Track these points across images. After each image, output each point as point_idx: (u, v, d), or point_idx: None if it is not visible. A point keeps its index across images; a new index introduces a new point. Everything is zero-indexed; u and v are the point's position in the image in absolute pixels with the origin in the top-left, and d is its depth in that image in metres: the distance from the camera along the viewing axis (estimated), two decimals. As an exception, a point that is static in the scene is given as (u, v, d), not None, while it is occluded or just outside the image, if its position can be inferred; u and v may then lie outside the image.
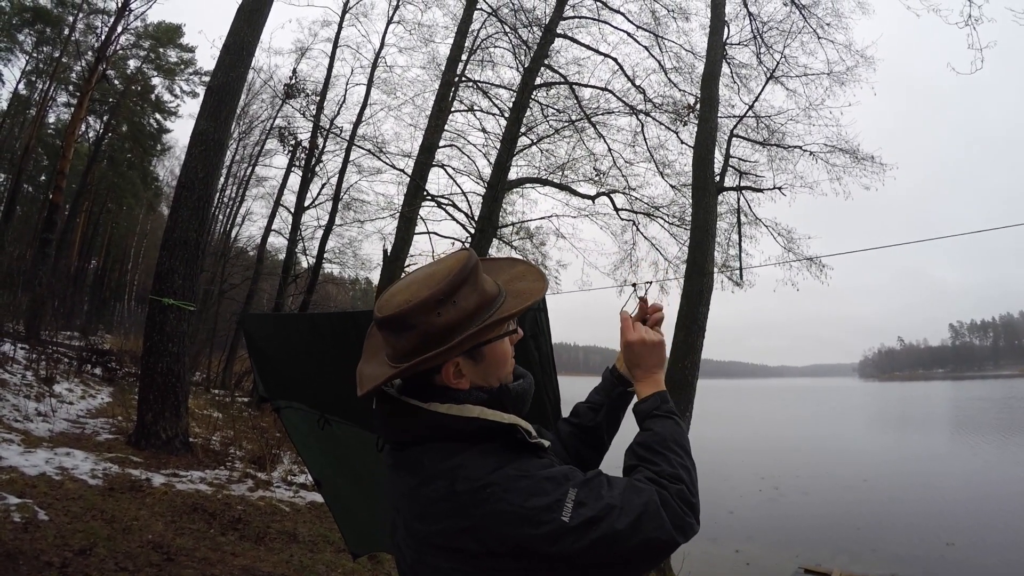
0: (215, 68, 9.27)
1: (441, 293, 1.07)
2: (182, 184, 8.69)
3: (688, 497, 1.12)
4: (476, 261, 1.14)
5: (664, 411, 1.31)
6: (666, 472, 1.15)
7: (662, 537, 1.04)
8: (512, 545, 0.99)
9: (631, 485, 1.09)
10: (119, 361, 15.26)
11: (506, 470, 1.04)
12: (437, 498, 1.03)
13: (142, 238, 40.03)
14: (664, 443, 1.22)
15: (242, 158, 24.29)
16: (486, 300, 1.13)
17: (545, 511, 0.99)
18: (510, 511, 0.99)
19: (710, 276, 9.66)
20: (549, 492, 1.02)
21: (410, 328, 1.08)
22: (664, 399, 1.34)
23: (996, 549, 12.45)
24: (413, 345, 1.08)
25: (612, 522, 1.01)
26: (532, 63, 13.61)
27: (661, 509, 1.06)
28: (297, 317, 4.70)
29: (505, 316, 1.13)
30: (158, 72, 28.97)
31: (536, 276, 1.26)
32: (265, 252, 22.71)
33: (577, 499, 1.02)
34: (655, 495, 1.08)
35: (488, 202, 13.29)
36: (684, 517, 1.08)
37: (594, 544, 1.00)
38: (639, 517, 1.03)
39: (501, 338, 1.17)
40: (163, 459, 7.53)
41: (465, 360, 1.12)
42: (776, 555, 11.93)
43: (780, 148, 13.05)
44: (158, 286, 8.26)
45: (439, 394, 1.12)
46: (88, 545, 4.37)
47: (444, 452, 1.07)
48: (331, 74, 19.22)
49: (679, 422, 1.30)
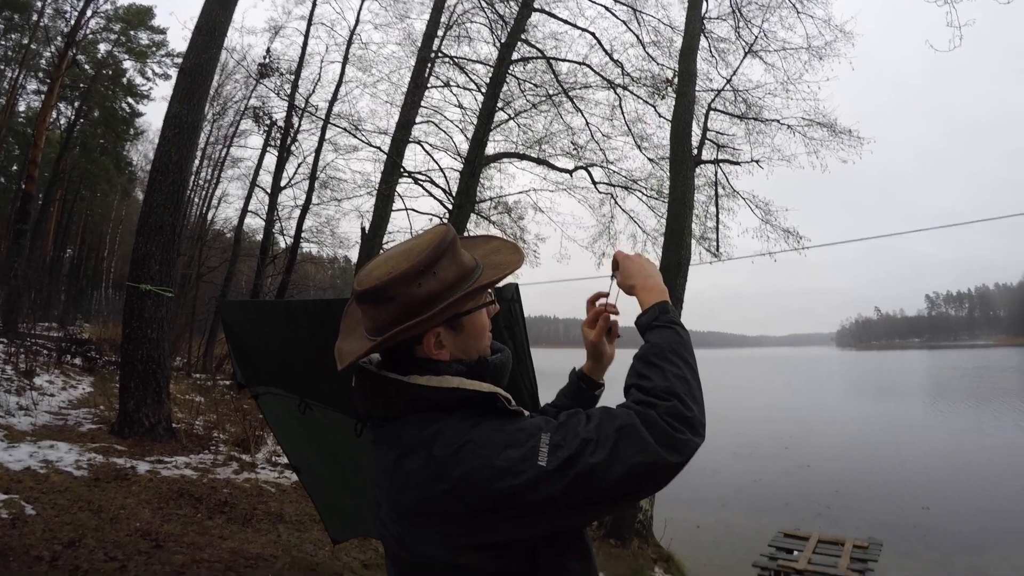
0: (187, 50, 9.09)
1: (421, 264, 1.08)
2: (156, 168, 8.54)
3: (681, 412, 1.06)
4: (454, 235, 1.16)
5: (664, 321, 1.27)
6: (658, 388, 1.11)
7: (646, 460, 1.00)
8: (494, 499, 0.98)
9: (608, 413, 1.06)
10: (99, 350, 15.07)
11: (481, 428, 1.04)
12: (417, 467, 1.04)
13: (117, 224, 39.34)
14: (661, 354, 1.18)
15: (216, 139, 23.78)
16: (465, 271, 1.14)
17: (521, 461, 0.99)
18: (487, 465, 0.99)
19: (688, 248, 9.79)
20: (523, 442, 1.01)
21: (390, 300, 1.09)
22: (664, 309, 1.30)
23: (970, 514, 12.83)
24: (394, 316, 1.09)
25: (587, 457, 0.99)
26: (509, 38, 13.49)
27: (642, 430, 1.02)
28: (274, 304, 4.68)
29: (484, 284, 1.15)
30: (129, 55, 28.25)
31: (512, 249, 1.27)
32: (242, 234, 22.38)
33: (552, 442, 1.01)
34: (633, 417, 1.04)
35: (466, 177, 13.25)
36: (674, 434, 1.03)
37: (575, 483, 0.98)
38: (615, 445, 1.00)
39: (479, 308, 1.18)
40: (147, 446, 7.49)
41: (445, 330, 1.13)
42: (756, 521, 12.21)
43: (758, 122, 13.13)
44: (135, 272, 8.15)
45: (419, 367, 1.12)
46: (77, 537, 4.36)
47: (423, 422, 1.08)
48: (305, 52, 18.86)
49: (679, 331, 1.25)
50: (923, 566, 10.02)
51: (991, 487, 14.94)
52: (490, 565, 1.02)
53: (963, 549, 10.83)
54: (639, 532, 8.53)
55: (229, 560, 4.61)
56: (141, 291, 7.93)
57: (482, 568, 1.02)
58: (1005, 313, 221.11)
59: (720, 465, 17.49)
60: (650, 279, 1.38)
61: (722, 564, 10.06)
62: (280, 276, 19.87)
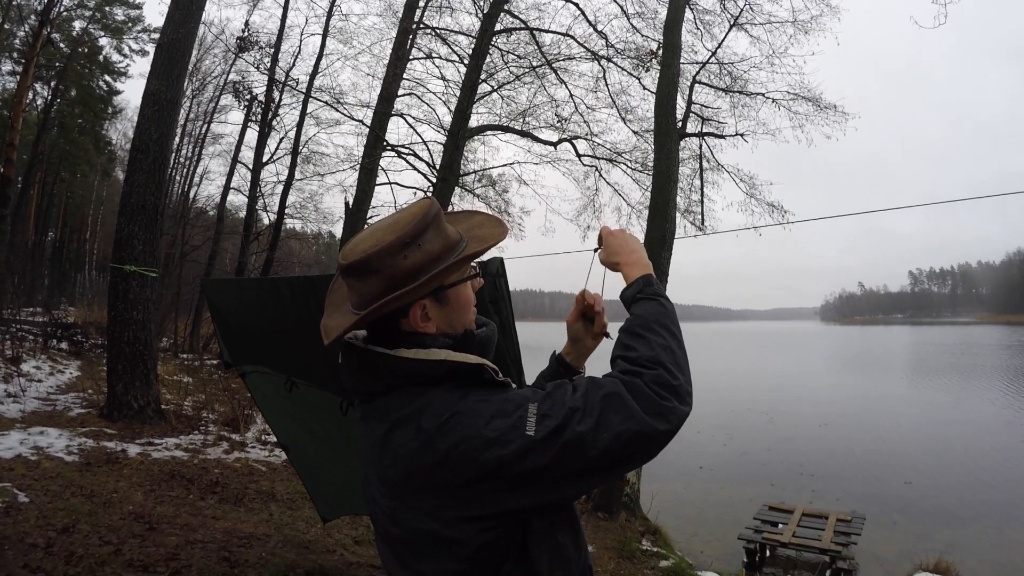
0: (164, 25, 8.88)
1: (407, 236, 1.09)
2: (136, 147, 8.41)
3: (667, 380, 1.07)
4: (438, 208, 1.16)
5: (648, 293, 1.28)
6: (643, 357, 1.11)
7: (633, 427, 1.00)
8: (484, 468, 0.98)
9: (593, 382, 1.07)
10: (85, 333, 14.92)
11: (469, 399, 1.05)
12: (406, 440, 1.04)
13: (99, 205, 38.71)
14: (646, 325, 1.19)
15: (196, 116, 23.35)
16: (450, 243, 1.15)
17: (510, 430, 0.99)
18: (476, 435, 0.99)
19: (672, 221, 9.81)
20: (511, 412, 1.02)
21: (376, 272, 1.09)
22: (648, 282, 1.31)
23: (951, 487, 13.11)
24: (380, 289, 1.09)
25: (575, 425, 0.99)
26: (491, 8, 13.35)
27: (628, 398, 1.03)
28: (259, 281, 4.65)
29: (469, 255, 1.15)
30: (105, 32, 27.63)
31: (495, 223, 1.28)
32: (225, 211, 22.26)
33: (539, 412, 1.01)
34: (619, 386, 1.05)
35: (449, 150, 13.18)
36: (660, 401, 1.04)
37: (563, 452, 0.99)
38: (601, 413, 1.01)
39: (464, 281, 1.19)
40: (137, 429, 7.47)
41: (431, 303, 1.13)
42: (742, 494, 12.42)
43: (743, 95, 13.14)
44: (118, 253, 8.06)
45: (405, 341, 1.12)
46: (71, 523, 4.36)
47: (411, 395, 1.08)
48: (285, 25, 18.59)
49: (664, 303, 1.26)
50: (905, 539, 10.20)
51: (971, 461, 15.26)
52: (481, 537, 1.02)
53: (944, 522, 11.07)
54: (626, 505, 8.67)
55: (222, 540, 4.63)
56: (125, 272, 7.85)
57: (473, 540, 1.02)
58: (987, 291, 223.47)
59: (705, 438, 17.73)
60: (634, 254, 1.38)
61: (708, 537, 10.25)
62: (264, 253, 19.74)
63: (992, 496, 12.53)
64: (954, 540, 10.10)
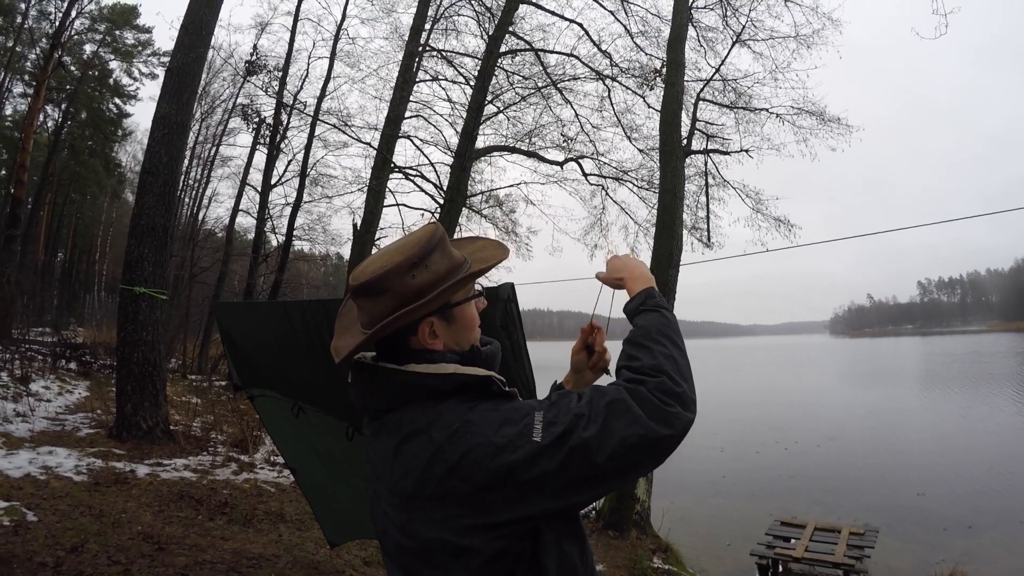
0: (174, 49, 9.04)
1: (415, 257, 1.15)
2: (146, 170, 8.52)
3: (670, 387, 1.10)
4: (443, 232, 1.22)
5: (650, 305, 1.33)
6: (646, 366, 1.15)
7: (638, 432, 1.03)
8: (494, 475, 1.01)
9: (597, 391, 1.10)
10: (93, 354, 15.00)
11: (477, 409, 1.08)
12: (418, 451, 1.07)
13: (108, 227, 39.10)
14: (648, 335, 1.23)
15: (205, 138, 23.66)
16: (455, 264, 1.20)
17: (517, 437, 1.02)
18: (485, 443, 1.02)
19: (679, 238, 9.84)
20: (519, 420, 1.05)
21: (386, 291, 1.14)
22: (650, 294, 1.36)
23: (964, 497, 12.98)
24: (391, 307, 1.14)
25: (580, 431, 1.02)
26: (496, 31, 13.47)
27: (632, 404, 1.06)
28: (269, 305, 4.69)
29: (473, 273, 1.21)
30: (115, 55, 28.05)
31: (497, 246, 1.35)
32: (234, 233, 22.31)
33: (546, 419, 1.05)
34: (623, 393, 1.08)
35: (456, 172, 13.23)
36: (664, 407, 1.07)
37: (570, 457, 1.01)
38: (606, 419, 1.04)
39: (469, 300, 1.24)
40: (145, 449, 7.48)
41: (438, 320, 1.18)
42: (753, 509, 12.31)
43: (747, 111, 13.17)
44: (128, 275, 8.12)
45: (415, 357, 1.16)
46: (79, 542, 4.37)
47: (422, 409, 1.11)
48: (292, 48, 18.80)
49: (666, 314, 1.31)
50: (919, 550, 10.11)
51: (984, 470, 15.10)
52: (492, 546, 1.04)
53: (958, 532, 10.96)
54: (637, 523, 8.59)
55: (231, 561, 4.63)
56: (135, 294, 7.91)
57: (485, 549, 1.04)
58: (997, 298, 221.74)
59: (716, 454, 17.64)
60: (636, 270, 1.44)
61: (720, 553, 10.16)
62: (273, 275, 19.88)
63: (1005, 504, 12.41)
64: (968, 549, 10.03)
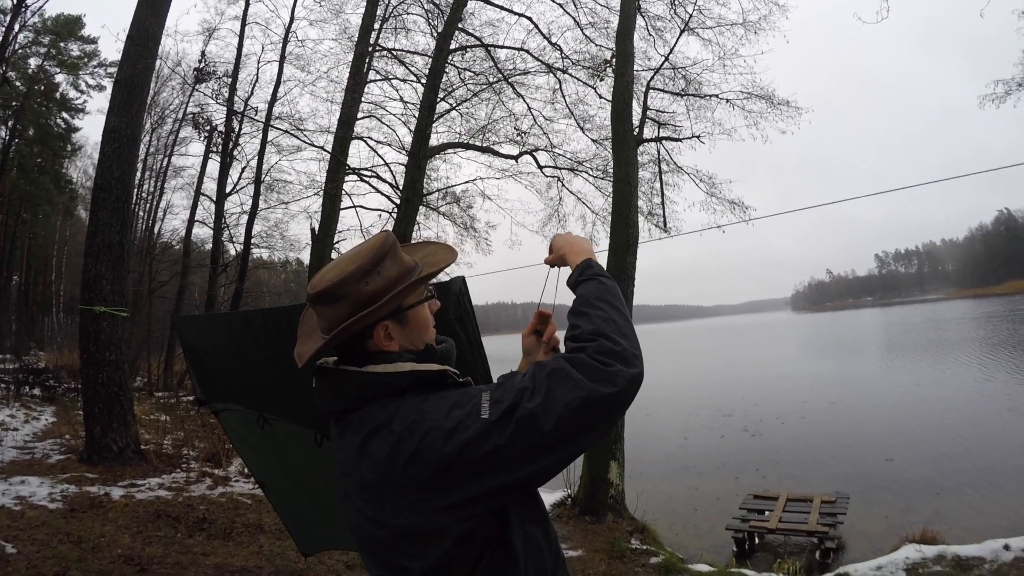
0: (121, 61, 8.89)
1: (368, 264, 1.22)
2: (99, 186, 8.35)
3: (609, 348, 1.15)
4: (394, 239, 1.30)
5: (588, 275, 1.39)
6: (586, 332, 1.21)
7: (580, 395, 1.08)
8: (450, 457, 1.08)
9: (538, 365, 1.15)
10: (57, 378, 14.64)
11: (430, 399, 1.16)
12: (381, 444, 1.14)
13: (62, 246, 37.90)
14: (587, 302, 1.29)
15: (157, 149, 22.97)
16: (406, 269, 1.28)
17: (467, 417, 1.09)
18: (438, 427, 1.09)
19: (635, 226, 9.98)
20: (467, 403, 1.12)
21: (342, 298, 1.22)
22: (588, 265, 1.42)
23: (931, 460, 13.41)
24: (346, 313, 1.21)
25: (525, 403, 1.08)
26: (446, 27, 13.40)
27: (571, 370, 1.11)
28: (230, 316, 4.66)
29: (424, 277, 1.29)
30: (61, 68, 27.25)
31: (447, 250, 1.42)
32: (191, 244, 21.88)
33: (493, 398, 1.11)
34: (562, 362, 1.13)
35: (411, 171, 13.17)
36: (603, 368, 1.11)
37: (519, 429, 1.07)
38: (548, 388, 1.09)
39: (422, 303, 1.32)
40: (118, 471, 7.39)
41: (393, 323, 1.26)
42: (726, 485, 12.59)
43: (697, 97, 13.34)
44: (87, 294, 7.99)
45: (373, 359, 1.24)
46: (61, 570, 4.34)
47: (382, 406, 1.18)
48: (241, 54, 18.49)
49: (603, 280, 1.36)
50: (890, 514, 10.40)
51: (948, 432, 15.60)
52: (459, 527, 1.11)
53: (927, 494, 11.31)
54: (612, 507, 8.75)
55: None
56: (95, 313, 7.78)
57: (452, 530, 1.11)
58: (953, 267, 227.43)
59: (687, 433, 17.96)
60: (576, 244, 1.51)
61: (696, 530, 10.37)
62: (233, 284, 19.59)
63: (971, 464, 12.84)
64: (938, 510, 10.33)
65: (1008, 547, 5.89)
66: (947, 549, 6.21)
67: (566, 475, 9.39)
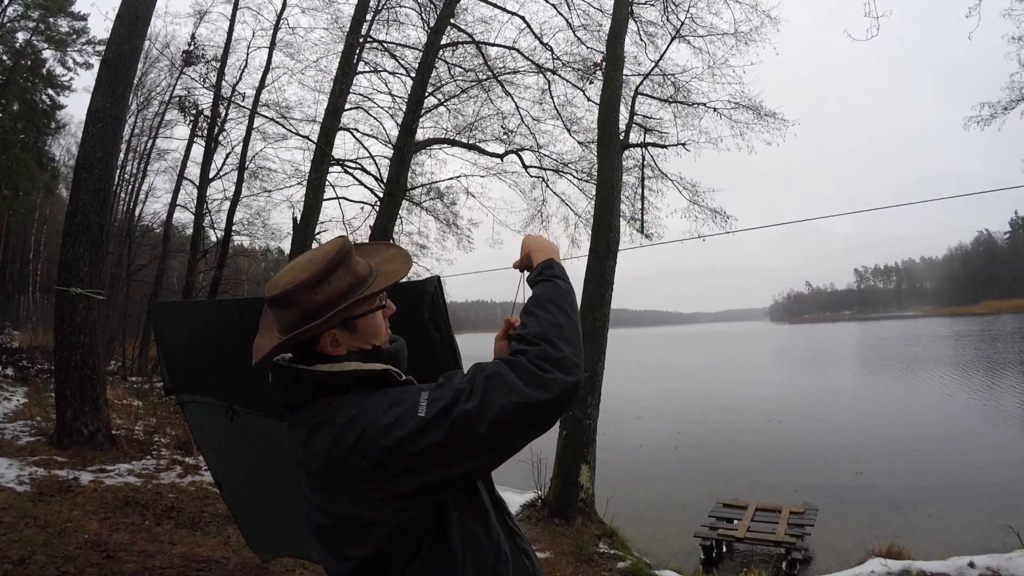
0: (109, 40, 8.77)
1: (318, 275, 1.24)
2: (81, 165, 8.26)
3: (550, 353, 1.17)
4: (350, 247, 1.31)
5: (546, 275, 1.41)
6: (531, 334, 1.23)
7: (515, 400, 1.10)
8: (388, 450, 1.12)
9: (479, 366, 1.19)
10: (30, 358, 14.47)
11: (372, 396, 1.20)
12: (323, 436, 1.19)
13: (42, 224, 37.27)
14: (539, 303, 1.31)
15: (141, 131, 22.62)
16: (357, 280, 1.30)
17: (405, 414, 1.13)
18: (376, 422, 1.14)
19: (616, 230, 10.04)
20: (406, 400, 1.16)
21: (292, 306, 1.25)
22: (548, 265, 1.44)
23: (900, 475, 13.65)
24: (295, 320, 1.25)
25: (462, 404, 1.11)
26: (438, 22, 13.35)
27: (509, 375, 1.13)
28: (206, 304, 4.62)
29: (373, 292, 1.30)
30: (49, 44, 26.70)
31: (404, 259, 1.43)
32: (171, 229, 21.74)
33: (431, 397, 1.15)
34: (501, 366, 1.16)
35: (396, 164, 13.13)
36: (541, 374, 1.13)
37: (454, 429, 1.10)
38: (485, 391, 1.12)
39: (373, 312, 1.33)
40: (88, 456, 7.32)
41: (341, 331, 1.28)
42: (696, 492, 12.72)
43: (685, 105, 13.44)
44: (63, 275, 7.89)
45: (322, 358, 1.28)
46: (26, 554, 4.29)
47: (327, 402, 1.23)
48: (231, 38, 18.26)
49: (559, 283, 1.38)
50: (858, 527, 10.58)
51: (918, 448, 15.91)
52: (398, 517, 1.15)
53: (895, 509, 11.51)
54: (582, 510, 8.80)
55: (181, 565, 4.61)
56: (71, 295, 7.69)
57: (392, 520, 1.15)
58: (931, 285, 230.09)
59: (659, 439, 18.11)
60: (541, 243, 1.54)
61: (664, 536, 10.48)
62: (212, 271, 19.44)
63: (940, 480, 13.09)
64: (906, 525, 10.53)
65: (973, 564, 5.95)
66: (913, 564, 6.27)
67: (537, 476, 9.46)
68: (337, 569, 1.23)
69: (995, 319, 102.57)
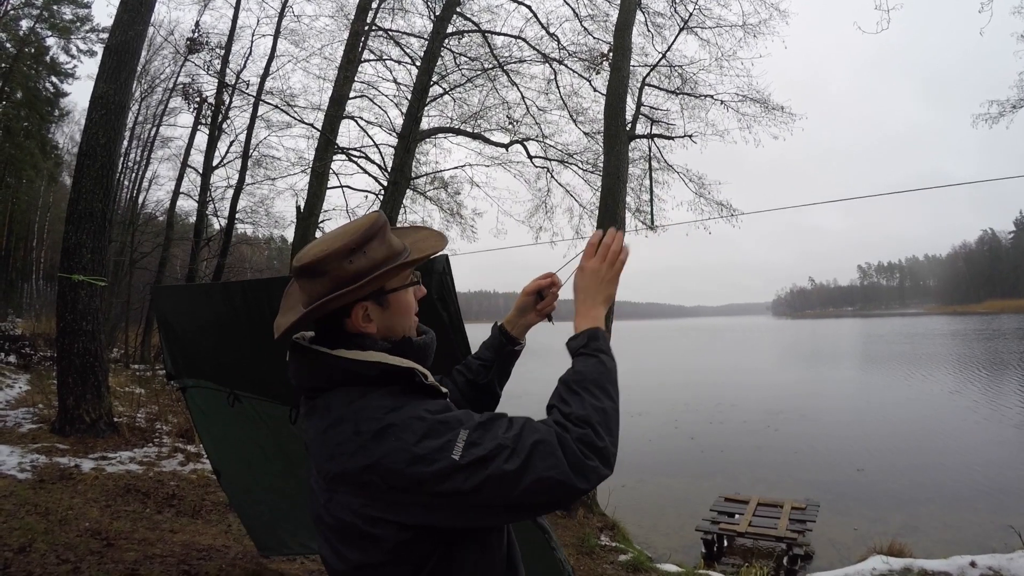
0: (113, 26, 8.72)
1: (354, 243, 1.19)
2: (84, 152, 8.23)
3: (593, 441, 1.11)
4: (385, 220, 1.26)
5: (591, 349, 1.30)
6: (575, 414, 1.15)
7: (556, 476, 1.06)
8: (407, 482, 1.06)
9: (528, 425, 1.12)
10: (33, 346, 14.50)
11: (403, 412, 1.12)
12: (343, 439, 1.12)
13: (45, 212, 37.31)
14: (582, 383, 1.22)
15: (145, 119, 22.71)
16: (393, 252, 1.25)
17: (437, 451, 1.06)
18: (405, 450, 1.06)
19: (622, 222, 9.98)
20: (443, 434, 1.08)
21: (324, 274, 1.19)
22: (594, 336, 1.33)
23: (902, 472, 13.58)
24: (327, 289, 1.19)
25: (501, 463, 1.05)
26: (444, 11, 13.30)
27: (557, 448, 1.08)
28: (210, 286, 4.57)
29: (409, 261, 1.25)
30: (52, 31, 26.65)
31: (437, 237, 1.38)
32: (175, 217, 21.75)
33: (469, 439, 1.07)
34: (552, 435, 1.10)
35: (400, 153, 13.07)
36: (584, 460, 1.08)
37: (485, 483, 1.04)
38: (530, 456, 1.06)
39: (406, 287, 1.29)
40: (90, 443, 7.32)
41: (373, 305, 1.23)
42: (698, 486, 12.71)
43: (692, 97, 13.41)
44: (66, 262, 7.88)
45: (347, 342, 1.21)
46: (27, 542, 4.27)
47: (349, 395, 1.16)
48: (236, 26, 18.30)
49: (605, 361, 1.29)
50: (859, 523, 10.55)
51: (921, 446, 15.87)
52: (399, 535, 1.10)
53: (897, 506, 11.46)
54: (584, 502, 8.79)
55: (181, 553, 4.59)
56: (73, 282, 7.68)
57: (392, 538, 1.10)
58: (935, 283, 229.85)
59: (662, 432, 18.06)
60: (592, 301, 1.41)
61: (666, 529, 10.47)
62: (215, 259, 19.48)
63: (943, 478, 13.03)
64: (907, 522, 10.49)
65: (975, 564, 5.91)
66: (914, 562, 6.24)
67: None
68: (336, 567, 1.18)
69: (997, 318, 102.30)
